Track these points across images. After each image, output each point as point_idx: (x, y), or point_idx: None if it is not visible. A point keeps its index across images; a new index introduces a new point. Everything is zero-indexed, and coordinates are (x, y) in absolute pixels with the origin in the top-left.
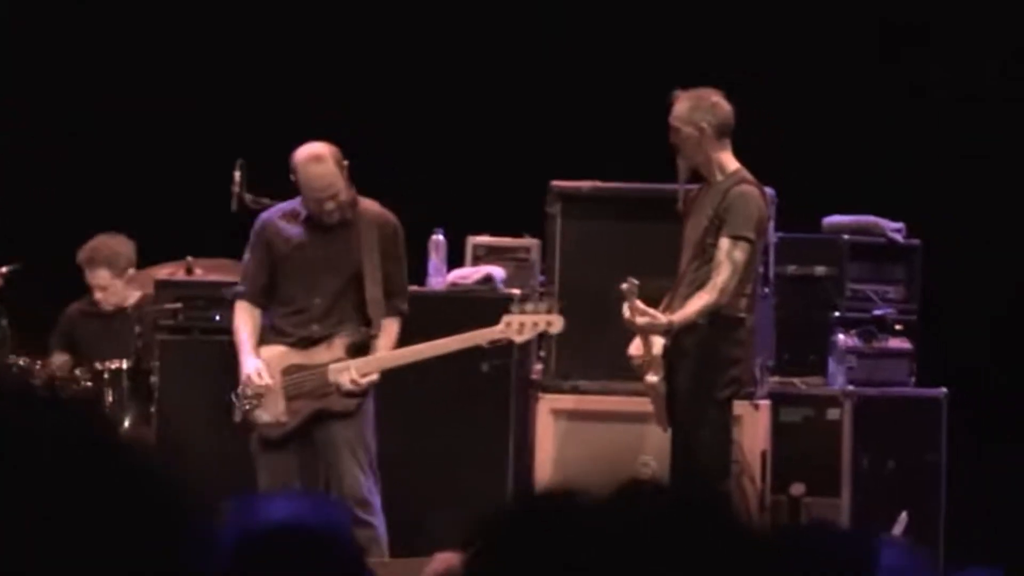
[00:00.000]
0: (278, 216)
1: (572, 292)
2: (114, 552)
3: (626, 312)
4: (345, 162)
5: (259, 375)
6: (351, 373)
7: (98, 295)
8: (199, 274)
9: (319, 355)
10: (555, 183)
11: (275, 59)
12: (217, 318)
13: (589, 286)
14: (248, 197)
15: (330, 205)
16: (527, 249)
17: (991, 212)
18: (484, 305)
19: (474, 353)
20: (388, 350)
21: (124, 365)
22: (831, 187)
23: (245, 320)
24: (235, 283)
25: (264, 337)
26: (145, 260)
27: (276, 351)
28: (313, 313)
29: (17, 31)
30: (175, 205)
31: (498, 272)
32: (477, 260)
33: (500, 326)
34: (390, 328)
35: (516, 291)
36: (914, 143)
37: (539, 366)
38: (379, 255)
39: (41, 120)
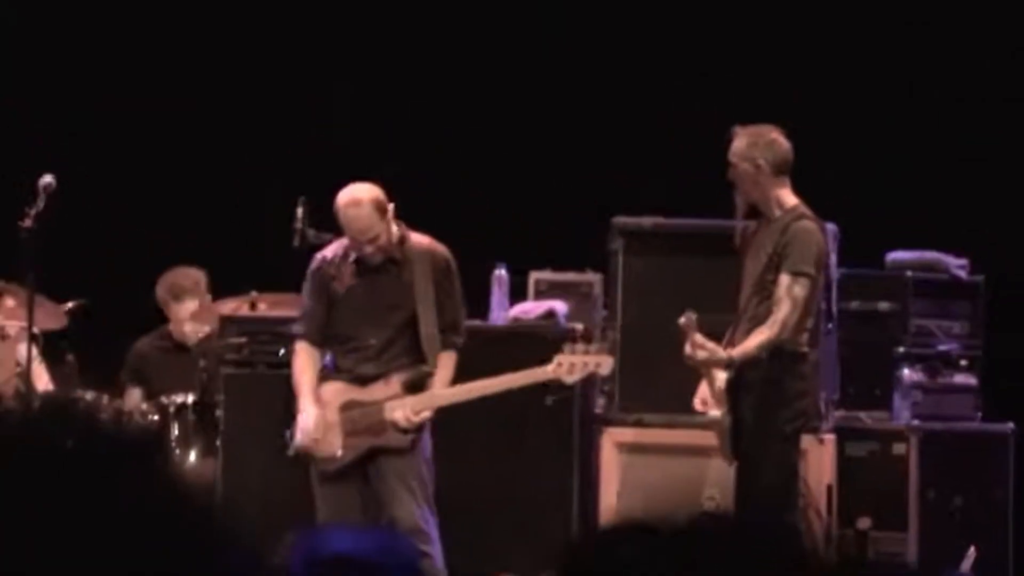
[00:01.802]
0: (332, 255)
1: (634, 326)
2: None
3: (687, 347)
4: (389, 204)
5: (316, 427)
6: (406, 411)
7: (187, 327)
8: (263, 309)
9: (376, 392)
10: (617, 219)
11: (336, 94)
12: (281, 352)
13: (651, 320)
14: (311, 233)
15: (369, 248)
16: (590, 284)
17: None
18: (546, 340)
19: (537, 387)
20: (444, 385)
21: (189, 399)
22: (894, 223)
23: (305, 361)
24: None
25: (325, 373)
26: (211, 295)
27: (335, 387)
28: (368, 352)
29: (81, 66)
30: (239, 240)
31: (561, 307)
32: (539, 295)
33: (551, 366)
34: (446, 363)
35: (578, 326)
36: (977, 179)
37: (602, 400)
38: (432, 290)
39: (106, 157)
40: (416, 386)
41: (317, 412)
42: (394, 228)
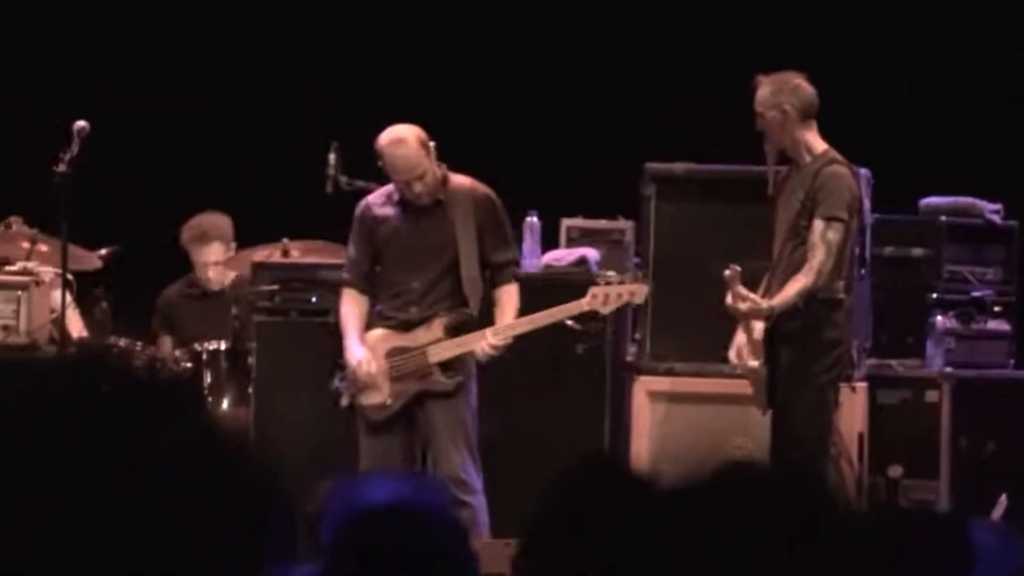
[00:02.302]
0: (376, 201)
1: (666, 273)
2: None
3: (728, 298)
4: (431, 143)
5: (365, 364)
6: (445, 351)
7: (210, 272)
8: (295, 256)
9: (419, 337)
10: (649, 165)
11: (368, 40)
12: (314, 300)
13: (683, 267)
14: (343, 179)
15: (417, 187)
16: (621, 231)
17: None
18: (578, 287)
19: (568, 335)
20: (512, 317)
21: (222, 346)
22: (928, 168)
23: (351, 306)
24: (331, 265)
25: (371, 321)
26: (241, 242)
27: (379, 334)
28: (411, 296)
29: (115, 11)
30: (271, 187)
31: (592, 254)
32: (571, 242)
33: (586, 298)
34: (510, 295)
35: (611, 273)
36: (1012, 123)
37: (633, 348)
38: (475, 230)
39: (136, 103)
40: (459, 329)
41: (365, 353)
42: (437, 169)
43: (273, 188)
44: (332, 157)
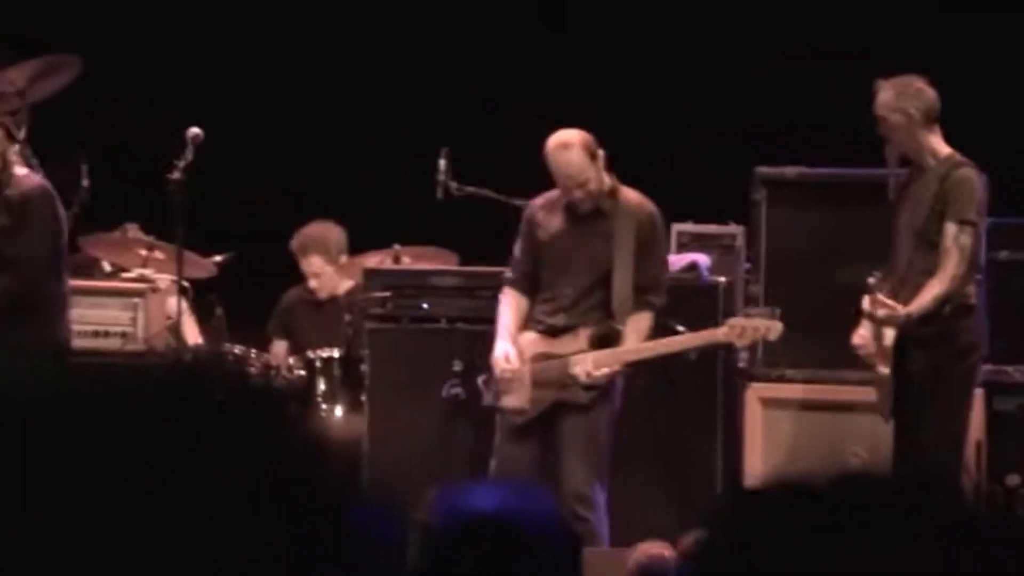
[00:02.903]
0: (542, 204)
1: (777, 278)
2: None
3: (866, 304)
4: (600, 151)
5: (506, 359)
6: (586, 365)
7: (312, 283)
8: (407, 262)
9: (565, 345)
10: (760, 169)
11: (476, 46)
12: (425, 306)
13: (795, 273)
14: (453, 185)
15: (578, 193)
16: (732, 236)
17: None
18: (689, 292)
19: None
20: (636, 344)
21: (335, 354)
22: None
23: (508, 306)
24: (443, 271)
25: (525, 323)
26: (353, 249)
27: (529, 338)
28: (562, 302)
29: (229, 18)
30: (382, 193)
31: (703, 259)
32: (682, 248)
33: (723, 329)
34: (640, 322)
35: (721, 279)
36: None
37: (746, 355)
38: (634, 246)
39: (249, 109)
40: (603, 342)
41: (510, 348)
42: (605, 178)
43: (385, 194)
44: (443, 163)
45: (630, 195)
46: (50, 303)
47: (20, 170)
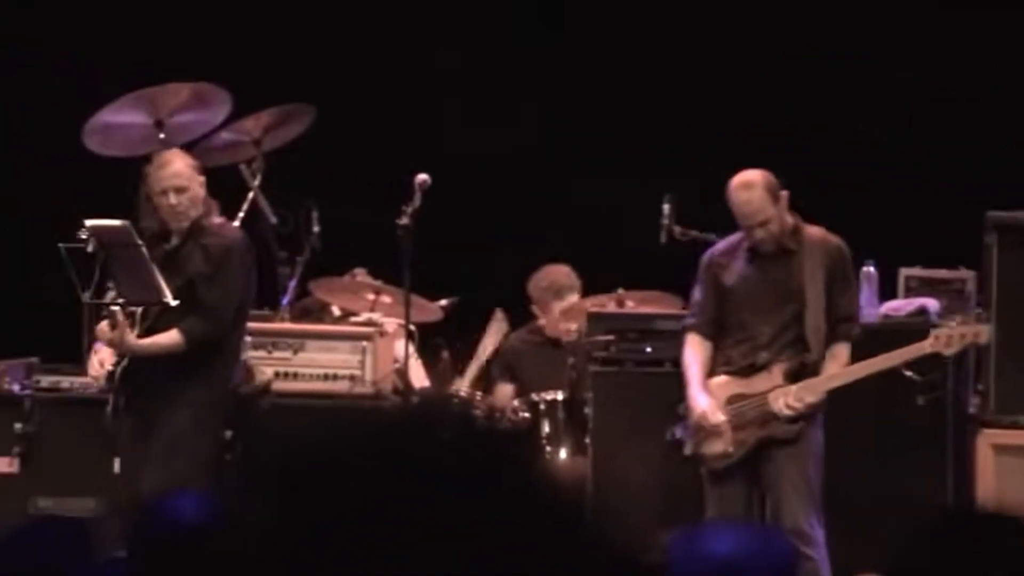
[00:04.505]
0: (724, 247)
1: (1009, 323)
2: None
3: None
4: (782, 191)
5: (711, 415)
6: (787, 398)
7: (561, 325)
8: (630, 306)
9: (759, 383)
10: (991, 213)
11: (699, 93)
12: (649, 350)
13: None
14: (677, 229)
15: (759, 233)
16: (962, 281)
17: None
18: (918, 337)
19: (907, 386)
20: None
21: (559, 396)
22: None
23: (695, 353)
24: (667, 315)
25: (713, 366)
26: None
27: (720, 381)
28: (760, 341)
29: (457, 73)
30: (606, 237)
31: (932, 304)
32: (910, 292)
33: (928, 340)
34: (840, 354)
35: (955, 316)
36: None
37: (976, 399)
38: (824, 282)
39: (478, 156)
40: (798, 375)
41: (710, 402)
42: (788, 218)
43: (609, 238)
44: (666, 207)
45: (813, 231)
46: (228, 350)
47: (218, 219)
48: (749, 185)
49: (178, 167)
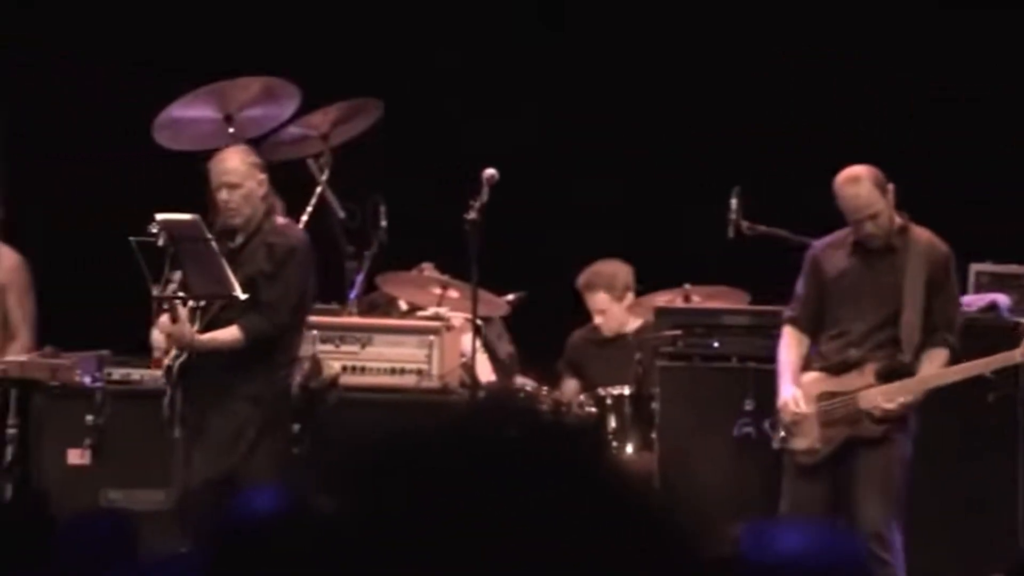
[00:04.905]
0: (828, 243)
1: None
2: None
3: None
4: (890, 185)
5: (795, 403)
6: (877, 399)
7: (597, 319)
8: (697, 301)
9: (851, 381)
10: None
11: (773, 88)
12: (716, 345)
13: None
14: (744, 224)
15: (868, 227)
16: None
17: None
18: (988, 332)
19: (978, 383)
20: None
21: (626, 391)
22: None
23: (790, 346)
24: (734, 310)
25: (807, 361)
26: (644, 288)
27: (811, 377)
28: (852, 337)
29: (524, 72)
30: (673, 232)
31: (1003, 300)
32: (980, 288)
33: (1020, 350)
34: (936, 357)
35: (1022, 319)
36: None
37: None
38: (924, 284)
39: (547, 149)
40: (890, 376)
41: (796, 391)
42: (895, 215)
43: (675, 233)
44: (734, 202)
45: (921, 233)
46: (287, 347)
47: (282, 219)
48: (857, 179)
49: (231, 164)
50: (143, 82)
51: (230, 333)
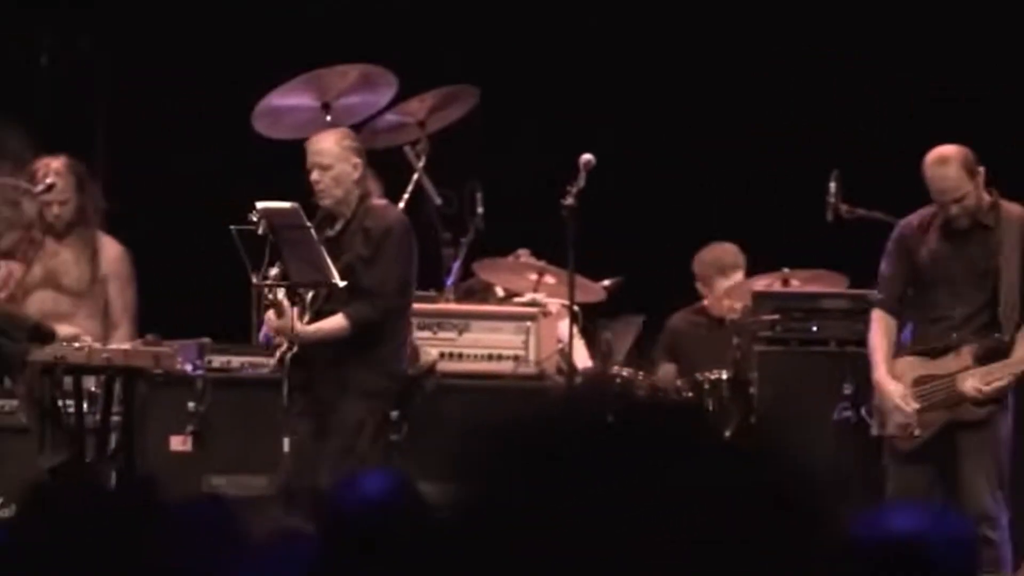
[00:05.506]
0: (916, 222)
1: None
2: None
3: None
4: (980, 168)
5: (901, 401)
6: (975, 381)
7: (726, 303)
8: (795, 285)
9: (948, 364)
10: None
11: (857, 71)
12: (815, 329)
13: None
14: (843, 207)
15: (953, 209)
16: None
17: None
18: None
19: None
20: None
21: (724, 376)
22: None
23: (881, 331)
24: (832, 293)
25: (898, 347)
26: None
27: (906, 362)
28: (952, 322)
29: (624, 54)
30: (771, 216)
31: None
32: None
33: None
34: None
35: None
36: None
37: None
38: (1019, 259)
39: (642, 134)
40: (988, 357)
41: (898, 387)
42: (985, 194)
43: (774, 217)
44: (833, 185)
45: (1012, 208)
46: (395, 332)
47: (379, 201)
48: (945, 160)
49: (324, 145)
50: (242, 71)
51: (336, 322)
